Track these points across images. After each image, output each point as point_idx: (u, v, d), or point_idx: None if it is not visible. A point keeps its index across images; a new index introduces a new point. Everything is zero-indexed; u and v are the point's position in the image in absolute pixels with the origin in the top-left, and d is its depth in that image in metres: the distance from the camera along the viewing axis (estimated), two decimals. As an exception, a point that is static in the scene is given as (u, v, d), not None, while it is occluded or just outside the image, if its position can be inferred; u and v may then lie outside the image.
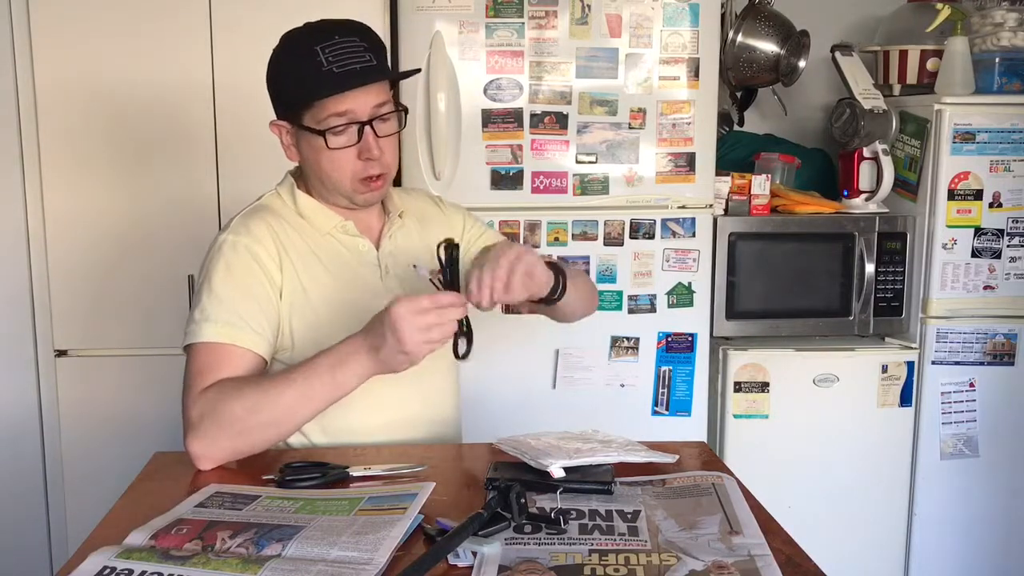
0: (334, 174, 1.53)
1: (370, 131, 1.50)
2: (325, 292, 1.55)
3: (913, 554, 2.72)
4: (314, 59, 1.46)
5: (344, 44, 1.48)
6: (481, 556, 1.09)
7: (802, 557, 1.11)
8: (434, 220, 1.74)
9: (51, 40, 2.38)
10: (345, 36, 1.49)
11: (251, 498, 1.26)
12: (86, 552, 1.08)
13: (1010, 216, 2.63)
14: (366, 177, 1.53)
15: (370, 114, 1.50)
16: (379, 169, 1.53)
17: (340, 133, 1.50)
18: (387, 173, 1.56)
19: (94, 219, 2.45)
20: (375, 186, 1.55)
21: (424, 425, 1.62)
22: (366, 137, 1.50)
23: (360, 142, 1.50)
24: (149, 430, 2.41)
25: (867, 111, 2.65)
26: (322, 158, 1.52)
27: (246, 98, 2.42)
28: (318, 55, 1.46)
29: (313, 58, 1.46)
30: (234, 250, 1.50)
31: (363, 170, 1.52)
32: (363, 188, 1.55)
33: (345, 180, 1.53)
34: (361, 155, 1.51)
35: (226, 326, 1.45)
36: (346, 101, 1.47)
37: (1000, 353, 2.68)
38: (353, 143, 1.50)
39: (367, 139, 1.50)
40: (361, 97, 1.48)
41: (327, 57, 1.46)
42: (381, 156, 1.52)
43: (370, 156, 1.51)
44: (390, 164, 1.56)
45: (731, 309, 2.63)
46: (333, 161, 1.51)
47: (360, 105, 1.49)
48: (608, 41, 2.44)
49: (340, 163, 1.52)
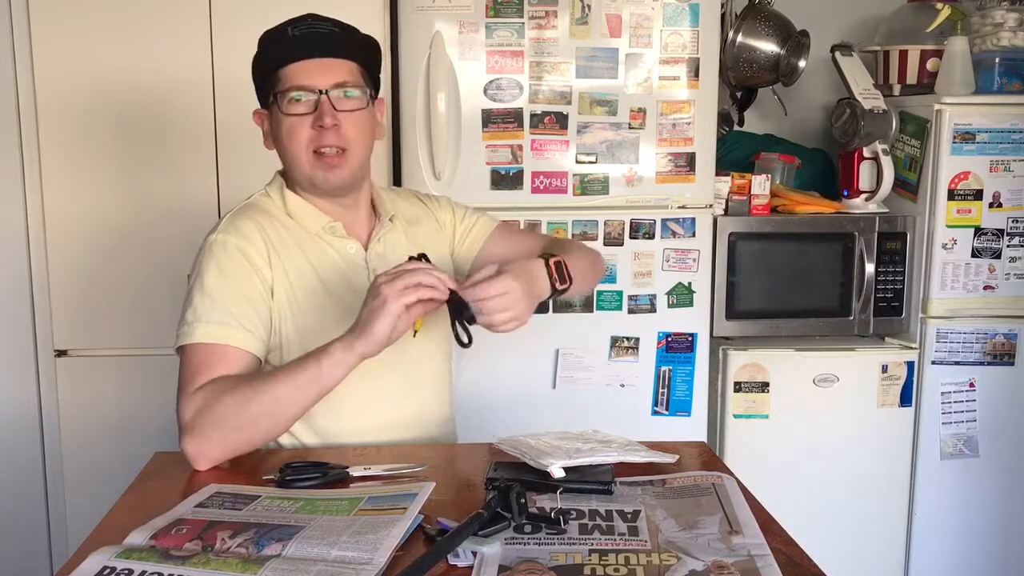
0: (290, 146, 1.53)
1: (326, 100, 1.50)
2: (312, 293, 1.54)
3: (913, 554, 2.72)
4: (283, 36, 1.52)
5: (314, 24, 1.53)
6: (481, 556, 1.09)
7: (802, 557, 1.11)
8: (421, 220, 1.74)
9: (51, 39, 2.39)
10: (318, 20, 1.54)
11: (251, 498, 1.26)
12: (86, 552, 1.08)
13: (1010, 216, 2.63)
14: (321, 151, 1.52)
15: (329, 85, 1.51)
16: (334, 139, 1.51)
17: (297, 102, 1.51)
18: (348, 150, 1.53)
19: (94, 219, 2.45)
20: (331, 162, 1.53)
21: (418, 426, 1.62)
22: (321, 105, 1.50)
23: (315, 111, 1.50)
24: (149, 430, 2.40)
25: (867, 111, 2.65)
26: (281, 130, 1.53)
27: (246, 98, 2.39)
28: (287, 32, 1.52)
29: (282, 35, 1.52)
30: (224, 250, 1.50)
31: (316, 139, 1.51)
32: (321, 165, 1.53)
33: (301, 152, 1.53)
34: (315, 123, 1.51)
35: (219, 326, 1.45)
36: (306, 70, 1.50)
37: (1000, 353, 2.68)
38: (309, 111, 1.51)
39: (322, 106, 1.50)
40: (320, 70, 1.50)
41: (294, 33, 1.51)
42: (338, 128, 1.51)
43: (323, 124, 1.50)
44: (351, 139, 1.53)
45: (731, 309, 2.63)
46: (289, 130, 1.52)
47: (319, 78, 1.50)
48: (608, 41, 2.44)
49: (294, 131, 1.52)
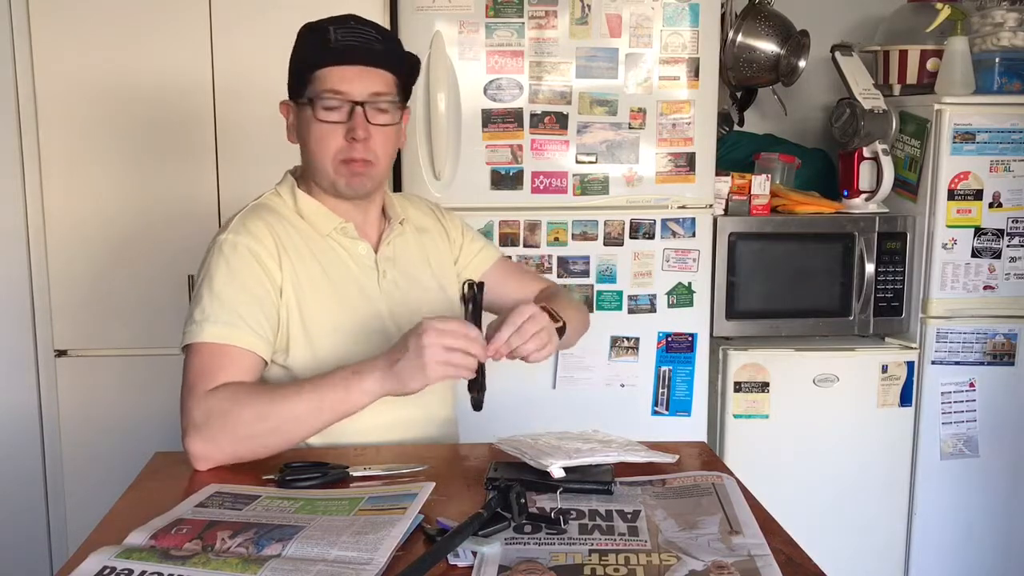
0: (318, 151, 1.53)
1: (361, 112, 1.50)
2: (322, 294, 1.54)
3: (913, 554, 2.72)
4: (324, 36, 1.50)
5: (357, 28, 1.51)
6: (481, 556, 1.09)
7: (802, 557, 1.11)
8: (431, 229, 1.74)
9: (51, 40, 2.38)
10: (362, 24, 1.53)
11: (251, 498, 1.26)
12: (86, 552, 1.08)
13: (1010, 216, 2.63)
14: (348, 159, 1.52)
15: (365, 98, 1.51)
16: (363, 153, 1.52)
17: (332, 109, 1.50)
18: (374, 163, 1.54)
19: (94, 219, 2.45)
20: (357, 169, 1.53)
21: (421, 426, 1.62)
22: (355, 117, 1.50)
23: (349, 121, 1.50)
24: (149, 430, 2.40)
25: (867, 111, 2.65)
26: (311, 132, 1.52)
27: (246, 97, 2.42)
28: (329, 32, 1.50)
29: (324, 35, 1.50)
30: (234, 250, 1.50)
31: (346, 150, 1.52)
32: (345, 171, 1.53)
33: (328, 159, 1.53)
34: (347, 134, 1.51)
35: (226, 326, 1.45)
36: (344, 78, 1.49)
37: (1000, 353, 2.68)
38: (342, 120, 1.50)
39: (356, 118, 1.50)
40: (359, 79, 1.50)
41: (337, 36, 1.50)
42: (368, 141, 1.51)
43: (355, 136, 1.50)
44: (378, 153, 1.54)
45: (731, 309, 2.63)
46: (320, 137, 1.52)
47: (357, 87, 1.50)
48: (608, 41, 2.44)
49: (325, 139, 1.52)
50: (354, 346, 1.51)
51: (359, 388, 1.37)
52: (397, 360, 1.34)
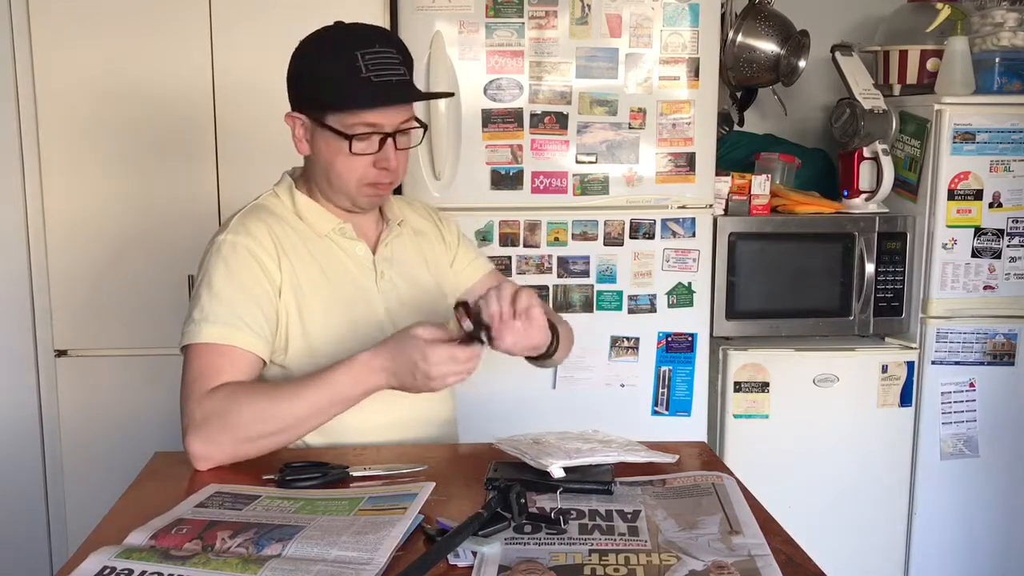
0: (346, 175, 1.54)
1: (391, 143, 1.52)
2: (320, 294, 1.55)
3: (913, 554, 2.72)
4: (353, 63, 1.46)
5: (383, 54, 1.49)
6: (481, 556, 1.09)
7: (802, 557, 1.11)
8: (429, 233, 1.75)
9: (51, 40, 2.38)
10: (384, 46, 1.50)
11: (251, 498, 1.26)
12: (86, 552, 1.08)
13: (1010, 216, 2.63)
14: (374, 183, 1.55)
15: (395, 127, 1.52)
16: (389, 179, 1.56)
17: (363, 139, 1.51)
18: (395, 182, 1.59)
19: (94, 219, 2.45)
20: (381, 190, 1.58)
21: (421, 426, 1.62)
22: (387, 148, 1.52)
23: (379, 151, 1.52)
24: (149, 430, 2.40)
25: (867, 111, 2.65)
26: (338, 159, 1.52)
27: (246, 98, 2.42)
28: (357, 60, 1.46)
29: (352, 63, 1.46)
30: (233, 250, 1.50)
31: (375, 177, 1.54)
32: (369, 192, 1.56)
33: (353, 182, 1.54)
34: (377, 164, 1.53)
35: (225, 327, 1.45)
36: (378, 115, 1.50)
37: (1000, 353, 2.68)
38: (373, 151, 1.52)
39: (387, 150, 1.52)
40: (392, 112, 1.51)
41: (366, 64, 1.46)
42: (395, 167, 1.55)
43: (386, 166, 1.53)
44: (400, 175, 1.59)
45: (731, 309, 2.63)
46: (349, 164, 1.52)
47: (389, 120, 1.51)
48: (608, 41, 2.43)
49: (355, 167, 1.53)
50: (352, 346, 1.51)
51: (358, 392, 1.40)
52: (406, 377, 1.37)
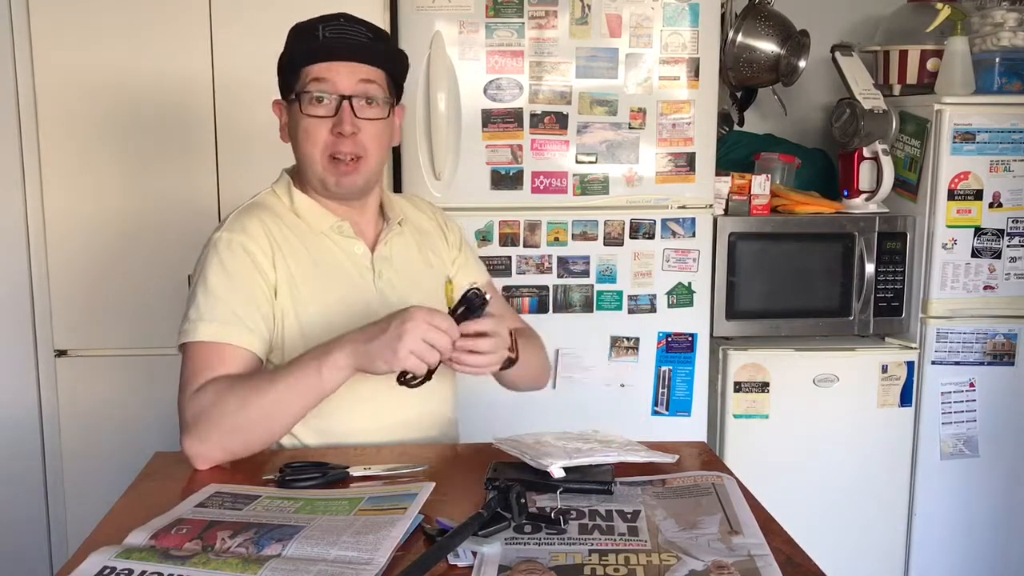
0: (306, 146, 1.52)
1: (347, 106, 1.50)
2: (316, 292, 1.54)
3: (913, 554, 2.72)
4: (312, 32, 1.51)
5: (347, 26, 1.51)
6: (481, 556, 1.09)
7: (802, 557, 1.11)
8: (431, 232, 1.74)
9: (51, 38, 2.38)
10: (352, 22, 1.52)
11: (251, 498, 1.26)
12: (86, 552, 1.08)
13: (1010, 216, 2.63)
14: (336, 156, 1.51)
15: (353, 91, 1.50)
16: (351, 147, 1.51)
17: (318, 103, 1.50)
18: (363, 158, 1.53)
19: (94, 218, 2.45)
20: (346, 170, 1.53)
21: (423, 426, 1.62)
22: (343, 111, 1.49)
23: (336, 115, 1.50)
24: (149, 430, 2.40)
25: (867, 111, 2.65)
26: (299, 129, 1.52)
27: (246, 96, 2.42)
28: (317, 29, 1.51)
29: (312, 32, 1.51)
30: (229, 248, 1.50)
31: (334, 144, 1.51)
32: (333, 170, 1.52)
33: (316, 154, 1.52)
34: (334, 128, 1.50)
35: (221, 325, 1.45)
36: (330, 70, 1.49)
37: (1000, 353, 2.68)
38: (329, 115, 1.50)
39: (343, 112, 1.49)
40: (345, 70, 1.49)
41: (324, 32, 1.50)
42: (355, 135, 1.51)
43: (341, 131, 1.49)
44: (368, 148, 1.53)
45: (731, 309, 2.63)
46: (307, 131, 1.51)
47: (343, 79, 1.49)
48: (608, 41, 2.43)
49: (312, 133, 1.51)
50: None
51: (331, 363, 1.36)
52: (373, 338, 1.34)
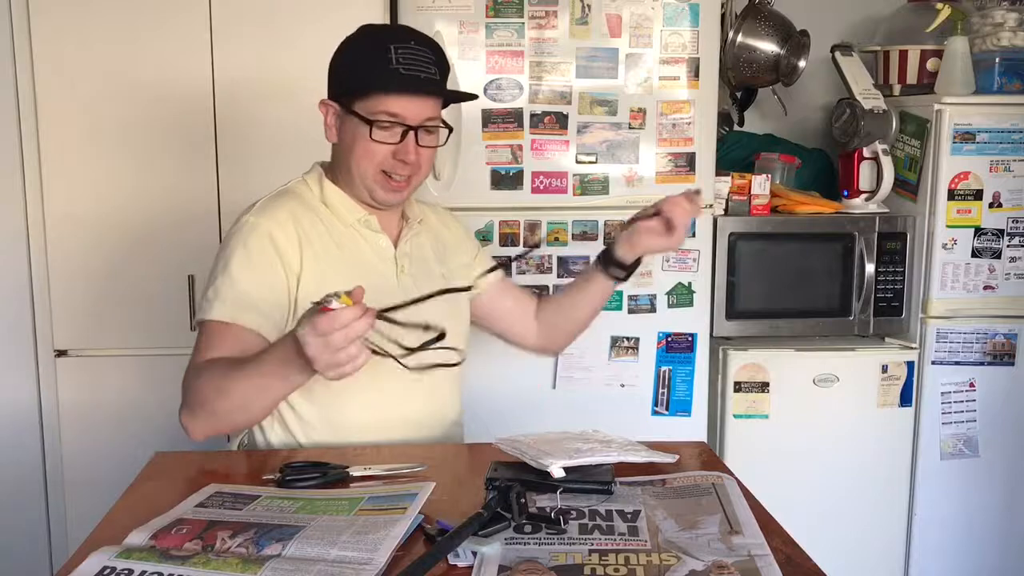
0: (364, 161, 1.57)
1: (413, 137, 1.55)
2: (343, 281, 1.54)
3: (913, 554, 2.72)
4: (385, 55, 1.52)
5: (416, 51, 1.54)
6: (481, 556, 1.09)
7: (802, 557, 1.11)
8: (447, 237, 1.78)
9: (51, 38, 2.38)
10: (420, 45, 1.55)
11: (251, 498, 1.26)
12: (86, 552, 1.08)
13: (1010, 216, 2.63)
14: (390, 173, 1.57)
15: (418, 122, 1.55)
16: (407, 171, 1.58)
17: (385, 129, 1.54)
18: (413, 177, 1.60)
19: (94, 219, 2.45)
20: (396, 186, 1.59)
21: (429, 425, 1.63)
22: (407, 141, 1.55)
23: (400, 143, 1.55)
24: (149, 430, 2.40)
25: (867, 111, 2.65)
26: (359, 144, 1.56)
27: (247, 97, 2.42)
28: (389, 52, 1.52)
29: (384, 53, 1.52)
30: (254, 232, 1.54)
31: (392, 167, 1.57)
32: (385, 184, 1.58)
33: (371, 170, 1.57)
34: (396, 154, 1.55)
35: (233, 306, 1.49)
36: (401, 104, 1.53)
37: (1000, 353, 2.67)
38: (394, 141, 1.55)
39: (407, 143, 1.55)
40: (415, 105, 1.54)
41: (397, 57, 1.52)
42: (414, 161, 1.57)
43: (405, 159, 1.56)
44: (421, 171, 1.60)
45: (731, 309, 2.63)
46: (368, 150, 1.55)
47: (412, 112, 1.54)
48: (608, 41, 2.43)
49: (374, 153, 1.56)
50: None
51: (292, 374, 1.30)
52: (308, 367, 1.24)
